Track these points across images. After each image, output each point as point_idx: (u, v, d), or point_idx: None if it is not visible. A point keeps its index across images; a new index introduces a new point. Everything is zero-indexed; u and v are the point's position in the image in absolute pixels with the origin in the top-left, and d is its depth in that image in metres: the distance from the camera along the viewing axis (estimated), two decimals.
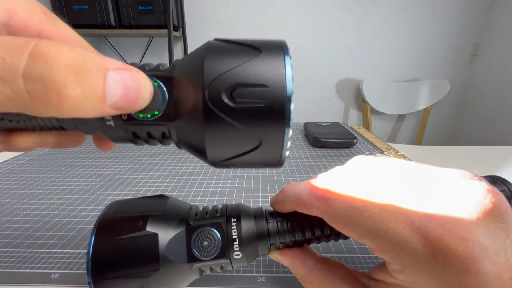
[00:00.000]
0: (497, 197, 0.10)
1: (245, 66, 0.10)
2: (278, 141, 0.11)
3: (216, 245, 0.14)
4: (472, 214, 0.10)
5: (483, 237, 0.10)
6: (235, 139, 0.10)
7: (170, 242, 0.14)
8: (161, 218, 0.14)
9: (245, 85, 0.10)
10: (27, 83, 0.07)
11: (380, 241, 0.11)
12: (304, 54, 1.63)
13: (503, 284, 0.09)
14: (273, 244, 0.15)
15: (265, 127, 0.10)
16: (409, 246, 0.10)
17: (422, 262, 0.10)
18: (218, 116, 0.10)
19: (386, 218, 0.11)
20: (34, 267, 0.19)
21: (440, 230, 0.10)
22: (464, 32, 1.56)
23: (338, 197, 0.12)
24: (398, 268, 0.11)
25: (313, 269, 0.15)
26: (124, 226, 0.14)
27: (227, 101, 0.10)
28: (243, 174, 0.34)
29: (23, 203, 0.27)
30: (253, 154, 0.11)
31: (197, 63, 0.10)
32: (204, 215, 0.15)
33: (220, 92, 0.10)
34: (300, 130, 0.54)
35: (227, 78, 0.10)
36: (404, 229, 0.10)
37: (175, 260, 0.14)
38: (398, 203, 0.11)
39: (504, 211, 0.10)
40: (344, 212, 0.12)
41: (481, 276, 0.09)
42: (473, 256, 0.09)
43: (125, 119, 0.11)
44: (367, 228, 0.11)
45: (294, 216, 0.15)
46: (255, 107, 0.10)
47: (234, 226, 0.14)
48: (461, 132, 1.74)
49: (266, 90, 0.10)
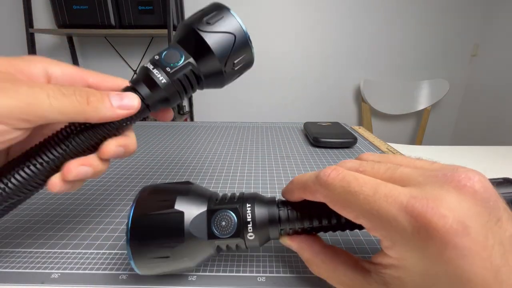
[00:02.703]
0: (481, 184, 0.11)
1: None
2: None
3: (232, 226, 0.16)
4: (454, 197, 0.11)
5: (463, 216, 0.11)
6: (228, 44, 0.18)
7: (193, 220, 0.16)
8: (187, 199, 0.17)
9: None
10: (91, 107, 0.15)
11: (372, 220, 0.13)
12: (304, 54, 1.63)
13: (482, 261, 0.10)
14: (284, 230, 0.17)
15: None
16: (397, 223, 0.12)
17: (408, 237, 0.11)
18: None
19: (379, 199, 0.12)
20: (34, 267, 0.19)
21: (424, 208, 0.11)
22: (464, 32, 1.56)
23: (338, 183, 0.14)
24: (388, 244, 0.13)
25: (319, 253, 0.16)
26: (157, 204, 0.16)
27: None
28: (250, 175, 0.34)
29: (23, 203, 0.27)
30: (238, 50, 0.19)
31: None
32: (224, 200, 0.17)
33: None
34: (300, 130, 0.54)
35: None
36: (393, 208, 0.12)
37: (197, 235, 0.16)
38: (390, 187, 0.12)
39: (487, 196, 0.11)
40: (342, 195, 0.14)
41: (459, 250, 0.10)
42: (452, 231, 0.10)
43: (169, 71, 0.18)
44: (362, 208, 0.13)
45: (304, 206, 0.17)
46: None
47: (248, 211, 0.17)
48: (461, 132, 1.74)
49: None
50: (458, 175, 0.12)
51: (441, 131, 1.80)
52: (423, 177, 0.13)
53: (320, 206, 0.16)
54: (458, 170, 0.12)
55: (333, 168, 0.15)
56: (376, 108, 1.61)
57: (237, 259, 0.20)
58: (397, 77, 1.66)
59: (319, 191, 0.15)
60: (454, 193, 0.11)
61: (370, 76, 1.64)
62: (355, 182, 0.13)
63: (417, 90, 1.60)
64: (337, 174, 0.14)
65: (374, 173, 0.14)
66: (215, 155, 0.40)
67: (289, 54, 1.64)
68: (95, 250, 0.21)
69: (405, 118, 1.73)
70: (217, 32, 0.18)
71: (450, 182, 0.12)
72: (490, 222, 0.11)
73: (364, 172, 0.14)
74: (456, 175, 0.12)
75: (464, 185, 0.11)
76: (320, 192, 0.15)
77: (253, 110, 1.77)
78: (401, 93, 1.62)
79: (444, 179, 0.12)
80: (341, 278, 0.15)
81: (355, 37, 1.59)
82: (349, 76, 1.68)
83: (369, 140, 0.48)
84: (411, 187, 0.12)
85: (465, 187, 0.11)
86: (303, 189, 0.16)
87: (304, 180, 0.16)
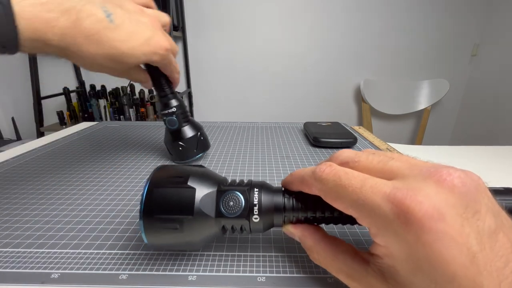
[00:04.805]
0: (460, 179, 0.12)
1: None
2: None
3: (239, 206, 0.17)
4: (433, 189, 0.12)
5: (439, 204, 0.11)
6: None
7: (203, 197, 0.17)
8: (199, 179, 0.18)
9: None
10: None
11: (360, 209, 0.14)
12: (304, 54, 1.63)
13: (458, 246, 0.11)
14: (287, 217, 0.18)
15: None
16: (380, 211, 0.13)
17: (389, 223, 0.12)
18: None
19: (365, 191, 0.13)
20: (34, 267, 0.19)
21: (404, 195, 0.12)
22: (464, 32, 1.56)
23: (331, 178, 0.15)
24: (374, 231, 0.14)
25: (320, 241, 0.17)
26: (171, 180, 0.18)
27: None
28: (250, 175, 0.34)
29: (23, 203, 0.27)
30: None
31: None
32: (233, 183, 0.19)
33: None
34: (300, 130, 0.54)
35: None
36: (377, 197, 0.13)
37: (206, 212, 0.17)
38: (376, 180, 0.14)
39: (465, 190, 0.12)
40: (334, 189, 0.15)
41: (434, 234, 0.11)
42: (427, 216, 0.11)
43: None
44: (350, 199, 0.14)
45: (307, 198, 0.17)
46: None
47: (256, 195, 0.18)
48: (461, 132, 1.74)
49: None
50: (440, 170, 0.13)
51: (441, 131, 1.80)
52: (409, 170, 0.14)
53: (322, 200, 0.16)
54: (442, 167, 0.13)
55: (328, 164, 0.16)
56: (376, 108, 1.61)
57: (237, 259, 0.20)
58: (397, 77, 1.66)
59: (315, 185, 0.16)
60: (433, 186, 0.12)
61: (371, 76, 1.64)
62: (345, 176, 0.14)
63: (417, 90, 1.60)
64: (330, 170, 0.15)
65: (368, 163, 0.15)
66: (215, 155, 0.40)
67: (290, 54, 1.63)
68: (95, 250, 0.21)
69: (405, 118, 1.73)
70: None
71: (432, 176, 0.13)
72: (467, 213, 0.11)
73: (359, 161, 0.16)
74: (438, 171, 0.13)
75: (444, 180, 0.12)
76: (315, 186, 0.16)
77: (253, 110, 1.77)
78: (401, 93, 1.62)
79: (427, 174, 0.13)
80: (340, 266, 0.16)
81: (355, 37, 1.59)
82: (349, 76, 1.68)
83: (369, 140, 0.48)
84: (396, 180, 0.13)
85: (444, 181, 0.12)
86: (301, 182, 0.17)
87: (302, 174, 0.17)
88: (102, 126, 0.56)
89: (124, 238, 0.22)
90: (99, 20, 0.23)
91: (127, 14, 0.25)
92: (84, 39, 0.23)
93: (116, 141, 0.46)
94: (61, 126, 1.50)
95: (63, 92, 1.55)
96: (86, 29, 0.22)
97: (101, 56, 0.24)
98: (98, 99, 1.57)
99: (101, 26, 0.23)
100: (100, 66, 0.25)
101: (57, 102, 1.67)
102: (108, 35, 0.24)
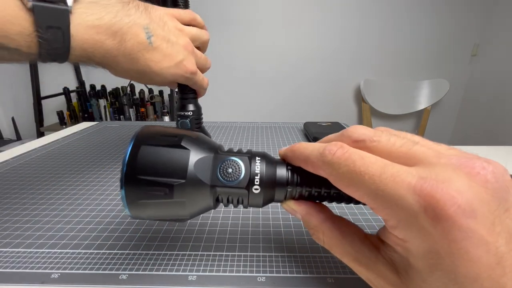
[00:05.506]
0: (493, 174, 0.11)
1: None
2: None
3: (239, 173, 0.15)
4: (465, 182, 0.11)
5: (472, 199, 0.10)
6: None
7: (199, 161, 0.15)
8: (195, 141, 0.16)
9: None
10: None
11: (378, 199, 0.12)
12: (304, 54, 1.63)
13: (487, 245, 0.10)
14: (290, 192, 0.16)
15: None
16: (404, 202, 0.11)
17: (414, 215, 0.11)
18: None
19: (385, 179, 0.12)
20: (34, 267, 0.19)
21: (433, 188, 0.11)
22: (464, 32, 1.56)
23: (343, 162, 0.13)
24: (393, 223, 0.12)
25: (326, 220, 0.16)
26: (162, 139, 0.15)
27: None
28: None
29: (23, 203, 0.27)
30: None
31: None
32: (232, 151, 0.17)
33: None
34: (300, 130, 0.54)
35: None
36: (401, 188, 0.11)
37: (200, 177, 0.15)
38: (397, 167, 0.12)
39: (498, 186, 0.11)
40: (346, 175, 0.13)
41: (464, 231, 0.10)
42: (459, 212, 0.10)
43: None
44: (367, 188, 0.12)
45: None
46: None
47: (258, 164, 0.16)
48: (461, 132, 1.74)
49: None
50: (472, 162, 0.12)
51: (441, 131, 1.80)
52: (437, 158, 0.12)
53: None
54: (473, 158, 0.12)
55: (339, 145, 0.14)
56: (376, 108, 1.61)
57: (237, 259, 0.20)
58: (397, 77, 1.66)
59: (322, 168, 0.14)
60: (465, 179, 0.11)
61: (371, 76, 1.64)
62: (361, 161, 0.13)
63: (417, 90, 1.60)
64: (342, 152, 0.13)
65: (390, 145, 0.14)
66: None
67: (290, 54, 1.63)
68: (95, 250, 0.21)
69: (405, 118, 1.73)
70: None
71: (464, 168, 0.11)
72: (499, 210, 0.11)
73: (379, 142, 0.14)
74: (470, 162, 0.12)
75: (477, 173, 0.11)
76: (323, 169, 0.14)
77: (253, 110, 1.77)
78: (401, 93, 1.62)
79: (458, 164, 0.12)
80: (347, 248, 0.15)
81: (355, 37, 1.59)
82: (349, 76, 1.67)
83: None
84: (420, 167, 0.12)
85: (478, 175, 0.11)
86: (305, 161, 0.15)
87: (307, 154, 0.15)
88: (102, 126, 0.56)
89: (124, 238, 0.22)
90: (141, 42, 0.25)
91: (167, 35, 0.27)
92: (123, 57, 0.24)
93: (116, 141, 0.46)
94: (61, 126, 1.50)
95: (63, 92, 1.55)
96: (126, 49, 0.24)
97: (134, 71, 0.26)
98: (98, 99, 1.57)
99: (141, 47, 0.25)
100: (130, 77, 0.28)
101: (57, 102, 1.67)
102: (145, 55, 0.25)
